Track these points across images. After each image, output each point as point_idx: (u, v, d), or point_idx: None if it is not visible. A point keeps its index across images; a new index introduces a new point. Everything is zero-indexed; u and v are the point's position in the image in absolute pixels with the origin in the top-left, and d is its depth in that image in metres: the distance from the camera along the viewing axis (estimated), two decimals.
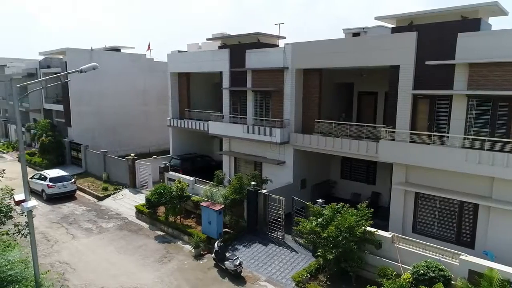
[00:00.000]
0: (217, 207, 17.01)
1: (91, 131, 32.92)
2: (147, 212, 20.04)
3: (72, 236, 18.59)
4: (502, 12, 14.74)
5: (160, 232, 19.04)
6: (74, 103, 32.19)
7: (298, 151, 20.24)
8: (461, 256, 11.99)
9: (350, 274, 13.48)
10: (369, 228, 13.69)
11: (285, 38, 22.85)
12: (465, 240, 15.05)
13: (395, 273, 12.79)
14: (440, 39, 14.66)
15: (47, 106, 36.83)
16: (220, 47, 24.40)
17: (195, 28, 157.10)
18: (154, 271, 15.15)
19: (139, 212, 20.83)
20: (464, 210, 14.98)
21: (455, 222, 15.28)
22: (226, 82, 23.40)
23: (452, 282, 11.66)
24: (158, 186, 19.56)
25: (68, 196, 24.25)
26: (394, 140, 15.83)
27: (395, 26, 16.71)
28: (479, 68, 13.87)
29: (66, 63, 31.46)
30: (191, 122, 26.32)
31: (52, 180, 23.80)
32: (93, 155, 29.30)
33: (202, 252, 16.63)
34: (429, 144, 14.78)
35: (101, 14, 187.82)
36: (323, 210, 14.55)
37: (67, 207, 22.79)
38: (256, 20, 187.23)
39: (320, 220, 14.02)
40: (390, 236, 13.75)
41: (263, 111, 21.75)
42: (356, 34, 20.36)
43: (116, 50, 36.23)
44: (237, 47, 22.94)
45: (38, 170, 27.79)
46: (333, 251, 13.01)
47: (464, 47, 14.04)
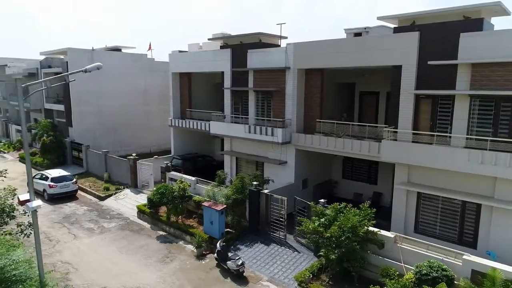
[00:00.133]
0: (219, 207, 17.01)
1: (92, 131, 32.92)
2: (149, 212, 20.04)
3: (74, 236, 18.60)
4: (505, 12, 14.73)
5: (162, 232, 19.04)
6: (75, 103, 32.22)
7: (300, 151, 20.23)
8: (464, 256, 12.00)
9: (353, 274, 13.49)
10: (371, 228, 13.70)
11: (286, 38, 22.88)
12: (467, 240, 15.05)
13: (397, 273, 12.80)
14: (443, 39, 14.64)
15: (48, 106, 36.82)
16: (221, 47, 24.39)
17: (195, 28, 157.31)
18: (156, 271, 15.15)
19: (140, 212, 20.84)
20: (466, 210, 14.97)
21: (457, 222, 15.27)
22: (227, 82, 23.37)
23: (455, 282, 11.66)
24: (160, 186, 19.55)
25: (69, 196, 24.30)
26: (396, 140, 15.81)
27: (397, 26, 16.71)
28: (481, 68, 13.86)
29: (67, 63, 31.47)
30: (193, 122, 26.31)
31: (54, 180, 23.83)
32: (94, 155, 29.31)
33: (204, 252, 16.64)
34: (431, 144, 14.76)
35: (101, 14, 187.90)
36: (325, 210, 14.55)
37: (68, 207, 22.80)
38: (256, 20, 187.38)
39: (322, 220, 14.03)
40: (392, 236, 13.76)
41: (264, 111, 21.74)
42: (358, 34, 20.33)
43: (117, 50, 36.24)
44: (238, 47, 22.92)
45: (39, 170, 27.78)
46: (335, 251, 13.01)
47: (467, 47, 14.03)
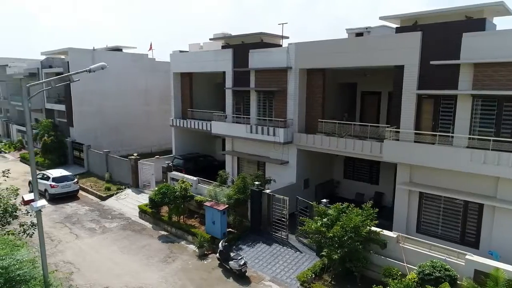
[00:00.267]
0: (221, 207, 17.00)
1: (93, 131, 32.91)
2: (150, 212, 20.04)
3: (75, 236, 18.59)
4: (507, 12, 14.72)
5: (163, 232, 19.03)
6: (76, 103, 32.20)
7: (302, 151, 20.22)
8: (466, 256, 11.98)
9: (355, 274, 13.49)
10: (374, 228, 13.69)
11: (288, 38, 22.90)
12: (469, 240, 15.04)
13: (400, 273, 12.79)
14: (445, 39, 14.63)
15: (48, 106, 36.81)
16: (223, 47, 24.39)
17: (195, 28, 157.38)
18: (158, 271, 15.13)
19: (142, 212, 20.84)
20: (468, 210, 14.95)
21: (460, 222, 15.26)
22: (229, 82, 23.37)
23: (458, 282, 11.65)
24: (162, 186, 19.54)
25: (71, 196, 24.29)
26: (398, 140, 15.81)
27: (399, 26, 16.71)
28: (484, 68, 13.85)
29: (68, 63, 31.43)
30: (194, 122, 26.31)
31: (55, 180, 23.82)
32: (95, 155, 29.30)
33: (206, 252, 16.63)
34: (433, 144, 14.76)
35: (101, 14, 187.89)
36: (328, 210, 14.54)
37: (70, 207, 22.80)
38: (256, 20, 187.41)
39: (325, 220, 14.01)
40: (395, 236, 13.75)
41: (266, 111, 21.73)
42: (359, 34, 20.37)
43: (118, 50, 36.25)
44: (240, 47, 22.92)
45: (41, 170, 27.69)
46: (338, 251, 13.00)
47: (469, 47, 14.01)
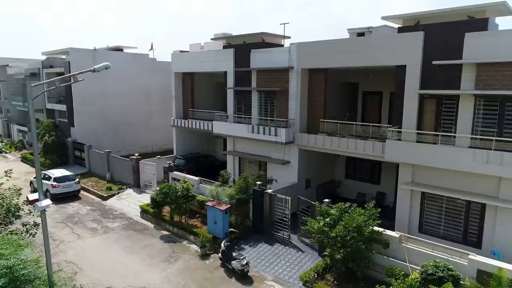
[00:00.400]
0: (223, 207, 17.01)
1: (94, 131, 32.90)
2: (152, 212, 20.04)
3: (77, 236, 18.58)
4: (510, 12, 14.70)
5: (165, 232, 19.04)
6: (77, 103, 32.20)
7: (303, 151, 20.22)
8: (469, 256, 11.98)
9: (358, 274, 13.50)
10: (376, 228, 13.69)
11: (290, 38, 22.87)
12: (471, 240, 15.04)
13: (403, 272, 12.77)
14: (447, 39, 14.62)
15: (49, 106, 36.77)
16: (224, 47, 24.39)
17: (195, 28, 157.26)
18: (161, 271, 15.14)
19: (144, 212, 20.84)
20: (471, 210, 14.96)
21: (462, 222, 15.26)
22: (230, 82, 23.36)
23: (461, 282, 11.64)
24: (164, 186, 19.54)
25: (72, 196, 24.30)
26: (400, 140, 15.81)
27: (401, 26, 16.71)
28: (486, 68, 13.85)
29: (69, 63, 31.41)
30: (195, 122, 26.31)
31: (57, 180, 23.84)
32: (96, 155, 29.31)
33: (208, 252, 16.63)
34: (436, 144, 14.77)
35: (101, 14, 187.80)
36: (330, 210, 14.54)
37: (71, 207, 22.80)
38: (256, 20, 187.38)
39: (327, 220, 14.00)
40: (397, 236, 13.75)
41: (268, 111, 21.72)
42: (361, 34, 20.35)
43: (119, 50, 36.25)
44: (241, 47, 22.92)
45: (42, 170, 27.71)
46: (341, 251, 13.00)
47: (472, 47, 14.01)
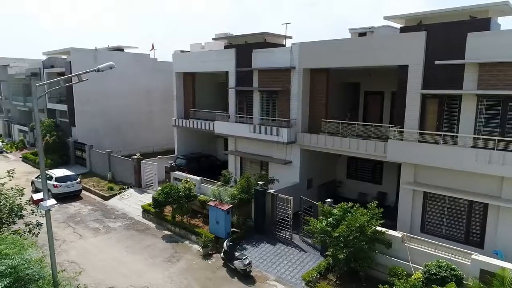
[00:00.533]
0: (225, 207, 17.01)
1: (95, 131, 32.90)
2: (154, 212, 20.03)
3: (79, 236, 18.59)
4: None
5: (167, 232, 19.04)
6: (78, 103, 32.20)
7: (305, 151, 20.21)
8: (472, 256, 11.98)
9: (360, 273, 13.50)
10: (379, 228, 13.70)
11: (291, 38, 22.85)
12: (474, 239, 15.05)
13: (405, 272, 12.80)
14: (450, 38, 14.63)
15: (50, 106, 36.81)
16: (226, 47, 24.38)
17: (195, 28, 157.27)
18: (163, 271, 15.14)
19: (145, 211, 20.84)
20: (473, 209, 14.96)
21: (464, 222, 15.26)
22: (232, 82, 23.35)
23: (464, 282, 11.66)
24: (165, 186, 19.54)
25: (73, 196, 24.29)
26: (402, 139, 15.81)
27: (403, 26, 16.71)
28: (489, 67, 13.85)
29: (70, 63, 31.40)
30: (197, 122, 26.30)
31: (58, 179, 23.82)
32: (97, 155, 29.31)
33: (210, 252, 16.63)
34: (438, 143, 14.77)
35: (101, 14, 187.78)
36: (333, 210, 14.55)
37: (73, 207, 22.80)
38: (256, 20, 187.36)
39: (330, 219, 14.02)
40: (400, 235, 13.75)
41: (269, 111, 21.71)
42: (363, 34, 20.34)
43: (119, 50, 36.24)
44: (243, 46, 22.90)
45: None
46: (344, 251, 13.01)
47: (474, 46, 14.02)
